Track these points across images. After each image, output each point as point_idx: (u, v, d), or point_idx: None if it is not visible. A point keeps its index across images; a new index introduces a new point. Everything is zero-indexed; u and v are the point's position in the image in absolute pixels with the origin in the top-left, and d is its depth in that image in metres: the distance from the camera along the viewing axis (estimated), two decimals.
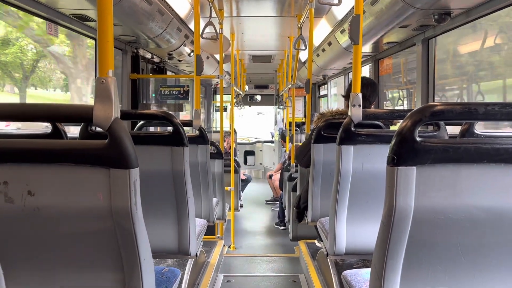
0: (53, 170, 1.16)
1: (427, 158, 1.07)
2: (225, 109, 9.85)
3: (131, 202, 1.15)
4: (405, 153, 1.07)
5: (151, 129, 4.71)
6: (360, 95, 1.99)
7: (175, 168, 2.03)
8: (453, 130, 2.39)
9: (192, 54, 5.05)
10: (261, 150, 11.26)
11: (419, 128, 1.08)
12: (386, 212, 1.11)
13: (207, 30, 3.82)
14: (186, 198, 2.07)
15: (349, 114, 2.00)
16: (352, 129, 1.99)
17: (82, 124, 1.95)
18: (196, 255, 2.23)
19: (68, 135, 1.90)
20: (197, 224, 2.41)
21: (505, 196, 1.10)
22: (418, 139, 1.07)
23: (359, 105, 1.97)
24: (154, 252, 1.44)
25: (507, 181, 1.09)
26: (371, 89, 2.84)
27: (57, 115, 1.23)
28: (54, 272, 1.27)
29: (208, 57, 6.38)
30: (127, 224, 1.17)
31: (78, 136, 1.96)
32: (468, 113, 1.06)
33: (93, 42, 3.87)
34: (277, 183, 7.28)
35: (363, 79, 2.20)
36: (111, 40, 1.18)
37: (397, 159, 1.08)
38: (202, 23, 3.77)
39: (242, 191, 7.46)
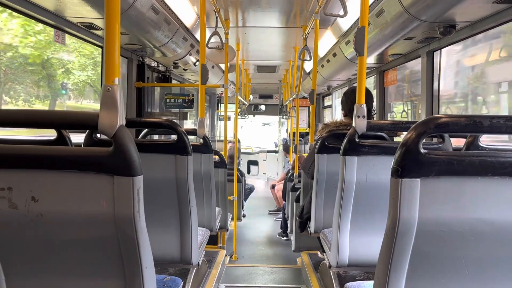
0: (57, 176, 1.16)
1: (432, 170, 1.07)
2: (229, 119, 9.86)
3: (134, 210, 1.15)
4: (410, 165, 1.07)
5: (155, 137, 4.73)
6: (364, 106, 1.99)
7: (179, 177, 2.03)
8: (458, 142, 2.38)
9: (197, 63, 5.09)
10: (264, 160, 11.24)
11: (424, 140, 1.08)
12: (390, 224, 1.11)
13: (212, 39, 3.84)
14: (189, 206, 2.07)
15: (353, 125, 2.00)
16: (356, 140, 1.98)
17: (87, 131, 1.96)
18: (198, 264, 2.22)
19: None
20: (199, 233, 2.40)
21: (510, 210, 1.09)
22: (422, 151, 1.06)
23: (363, 116, 1.97)
24: (156, 261, 1.43)
25: (511, 195, 1.08)
26: (371, 101, 2.85)
27: (62, 122, 1.23)
28: (55, 278, 1.26)
29: (213, 67, 6.42)
30: (130, 232, 1.17)
31: (82, 143, 1.96)
32: (473, 125, 1.06)
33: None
34: (280, 193, 7.26)
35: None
36: (118, 49, 1.19)
37: (401, 171, 1.07)
38: (208, 33, 3.80)
39: (245, 201, 7.44)
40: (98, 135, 2.00)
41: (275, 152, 11.11)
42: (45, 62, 3.87)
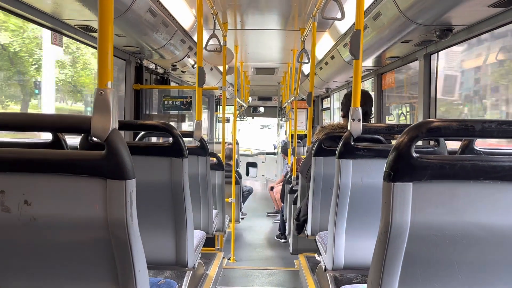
0: (50, 180, 1.16)
1: (424, 174, 1.07)
2: (228, 121, 9.87)
3: (127, 213, 1.15)
4: (402, 169, 1.07)
5: (154, 139, 4.73)
6: (359, 109, 2.00)
7: (174, 180, 2.03)
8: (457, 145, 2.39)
9: (195, 65, 5.09)
10: (263, 162, 11.25)
11: (420, 143, 1.08)
12: (382, 228, 1.11)
13: (211, 42, 3.85)
14: (184, 209, 2.06)
15: (348, 128, 2.00)
16: (352, 143, 1.99)
17: (83, 134, 1.96)
18: (194, 267, 2.22)
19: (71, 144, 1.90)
20: (195, 236, 2.40)
21: (502, 214, 1.09)
22: (414, 155, 1.06)
23: (359, 119, 1.98)
24: (151, 264, 1.43)
25: (503, 199, 1.08)
26: (369, 104, 2.86)
27: (55, 125, 1.23)
28: (48, 282, 1.26)
29: (211, 69, 6.42)
30: (123, 235, 1.17)
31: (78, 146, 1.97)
32: (465, 130, 1.06)
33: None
34: (278, 195, 7.26)
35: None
36: (111, 52, 1.19)
37: (393, 175, 1.07)
38: (206, 35, 3.80)
39: (244, 203, 7.43)
40: (95, 138, 2.00)
41: (274, 154, 11.12)
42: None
